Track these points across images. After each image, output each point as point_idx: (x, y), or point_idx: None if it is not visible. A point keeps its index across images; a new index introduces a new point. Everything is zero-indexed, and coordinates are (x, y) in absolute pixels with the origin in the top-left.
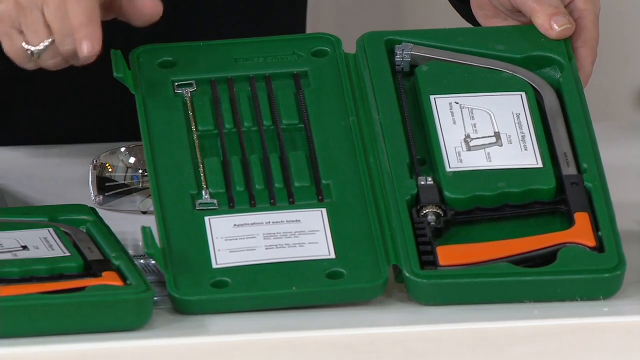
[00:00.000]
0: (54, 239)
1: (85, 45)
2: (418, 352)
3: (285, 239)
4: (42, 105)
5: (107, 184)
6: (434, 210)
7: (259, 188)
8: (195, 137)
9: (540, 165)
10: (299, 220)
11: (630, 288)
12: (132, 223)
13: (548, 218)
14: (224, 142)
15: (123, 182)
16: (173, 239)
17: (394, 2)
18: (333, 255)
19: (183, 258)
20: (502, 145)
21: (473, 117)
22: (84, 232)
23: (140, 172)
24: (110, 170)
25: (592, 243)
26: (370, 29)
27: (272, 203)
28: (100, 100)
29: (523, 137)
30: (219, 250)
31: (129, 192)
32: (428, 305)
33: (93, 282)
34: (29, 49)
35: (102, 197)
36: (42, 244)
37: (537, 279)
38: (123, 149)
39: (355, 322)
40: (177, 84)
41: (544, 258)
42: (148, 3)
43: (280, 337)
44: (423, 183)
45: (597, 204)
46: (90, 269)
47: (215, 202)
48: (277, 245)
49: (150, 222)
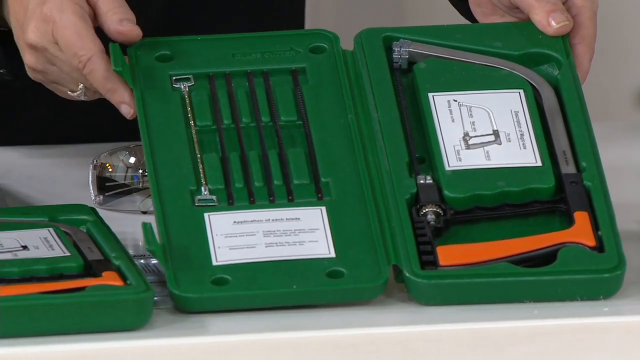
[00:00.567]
0: (54, 239)
1: (123, 109)
2: (418, 352)
3: (285, 237)
4: (42, 106)
5: (107, 184)
6: (434, 210)
7: (258, 185)
8: (194, 132)
9: (539, 164)
10: (299, 218)
11: (630, 288)
12: (132, 223)
13: (547, 217)
14: (223, 138)
15: (123, 182)
16: (173, 235)
17: None
18: (333, 254)
19: (183, 255)
20: (501, 144)
21: (472, 115)
22: (84, 232)
23: (140, 172)
24: (111, 170)
25: (592, 243)
26: (369, 26)
27: (271, 200)
28: (101, 101)
29: (522, 135)
30: (219, 248)
31: (129, 192)
32: (428, 306)
33: (93, 282)
34: (73, 94)
35: (102, 197)
36: (42, 244)
37: (537, 279)
38: (123, 149)
39: (356, 322)
40: (174, 78)
41: (544, 258)
42: (125, 29)
43: (281, 337)
44: (422, 182)
45: (596, 203)
46: (91, 269)
47: (215, 198)
48: (277, 244)
49: (150, 221)
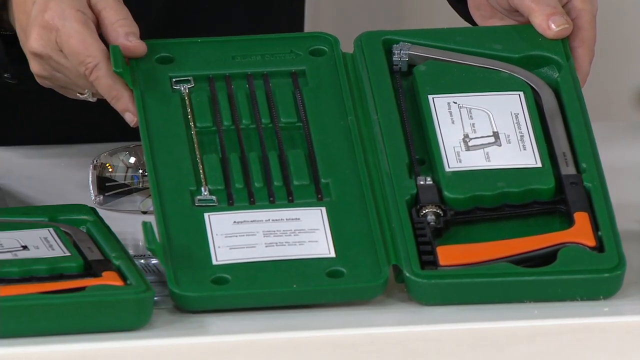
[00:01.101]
0: (54, 239)
1: (127, 117)
2: (418, 352)
3: (285, 237)
4: (43, 106)
5: (107, 184)
6: (434, 210)
7: (258, 186)
8: (194, 133)
9: (539, 165)
10: (299, 219)
11: (631, 288)
12: (132, 223)
13: (547, 218)
14: (223, 139)
15: (123, 182)
16: (173, 235)
17: (393, 2)
18: (333, 254)
19: (183, 254)
20: (500, 145)
21: (472, 116)
22: (84, 232)
23: (141, 172)
24: (111, 171)
25: (592, 243)
26: (368, 29)
27: (271, 201)
28: (101, 101)
29: (522, 137)
30: (219, 247)
31: (129, 192)
32: (428, 306)
33: (93, 282)
34: (81, 97)
35: (102, 197)
36: (42, 244)
37: (537, 279)
38: (123, 149)
39: (356, 322)
40: (175, 80)
41: (544, 258)
42: (131, 45)
43: (281, 337)
44: (422, 183)
45: (596, 204)
46: (91, 269)
47: (214, 198)
48: (277, 243)
49: (151, 221)
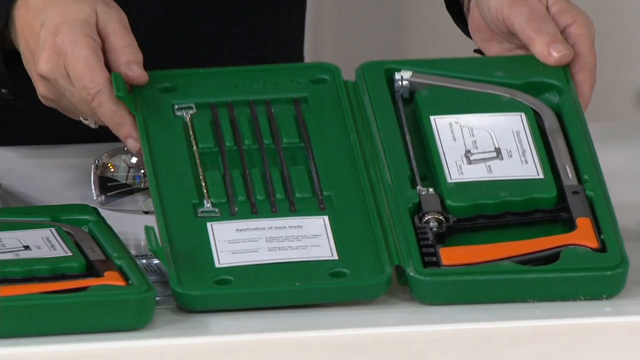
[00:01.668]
0: (56, 239)
1: (130, 144)
2: (421, 352)
3: (288, 242)
4: (45, 106)
5: (109, 184)
6: (436, 217)
7: (260, 199)
8: (196, 153)
9: (541, 177)
10: (301, 226)
11: (633, 288)
12: (134, 223)
13: (550, 225)
14: (225, 157)
15: (125, 182)
16: (175, 241)
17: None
18: (336, 257)
19: (186, 257)
20: (502, 159)
21: (473, 134)
22: (86, 232)
23: (142, 172)
24: (113, 171)
25: (594, 245)
26: (369, 59)
27: (273, 212)
28: None
29: (523, 152)
30: (222, 252)
31: (131, 192)
32: (431, 305)
33: (95, 282)
34: (84, 122)
35: (104, 197)
36: (44, 244)
37: (540, 277)
38: (125, 149)
39: (359, 322)
40: (177, 107)
41: (547, 259)
42: (133, 74)
43: (283, 337)
44: (424, 193)
45: (598, 210)
46: (93, 269)
47: (217, 210)
48: (279, 248)
49: (152, 222)
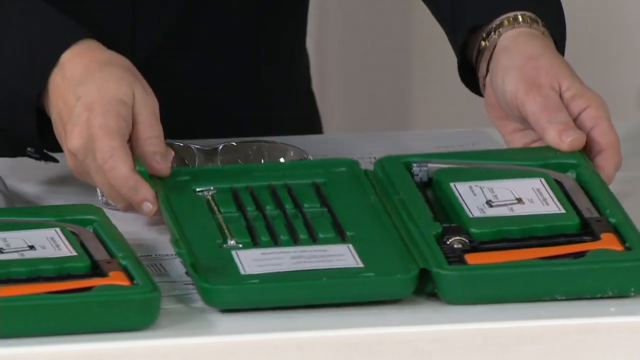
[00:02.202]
0: (61, 239)
1: (145, 208)
2: (426, 352)
3: (313, 258)
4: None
5: None
6: (460, 239)
7: (284, 239)
8: (220, 216)
9: (564, 211)
10: (325, 250)
11: None
12: (138, 223)
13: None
14: (247, 215)
15: None
16: (201, 260)
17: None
18: (362, 265)
19: (211, 266)
20: (524, 204)
21: (493, 191)
22: (91, 232)
23: None
24: None
25: (620, 249)
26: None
27: (297, 243)
28: None
29: (545, 199)
30: (247, 266)
31: None
32: (456, 305)
33: (100, 282)
34: (104, 200)
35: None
36: (49, 244)
37: (568, 269)
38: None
39: (363, 322)
40: (197, 190)
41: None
42: (157, 165)
43: (287, 337)
44: (447, 225)
45: (622, 230)
46: (98, 269)
47: (241, 244)
48: (304, 261)
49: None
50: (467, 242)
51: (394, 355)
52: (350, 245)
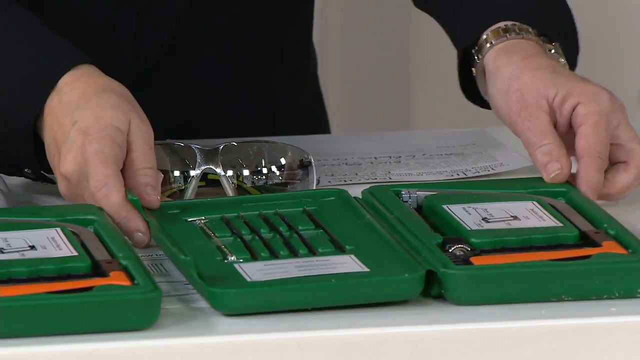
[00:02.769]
0: (62, 239)
1: (137, 238)
2: (427, 352)
3: (318, 265)
4: None
5: None
6: (461, 247)
7: (284, 254)
8: (216, 239)
9: (562, 225)
10: (328, 260)
11: None
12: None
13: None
14: (243, 237)
15: None
16: (205, 273)
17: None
18: (367, 269)
19: (216, 275)
20: (520, 220)
21: (487, 211)
22: (92, 232)
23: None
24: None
25: (624, 253)
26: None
27: (296, 256)
28: None
29: (540, 217)
30: (253, 275)
31: None
32: (463, 305)
33: (101, 282)
34: None
35: None
36: (49, 244)
37: (574, 269)
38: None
39: (364, 322)
40: (188, 220)
41: None
42: (147, 197)
43: (288, 337)
44: (447, 236)
45: (622, 239)
46: (98, 269)
47: (242, 260)
48: (309, 269)
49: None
50: (468, 250)
51: (395, 355)
52: (352, 255)
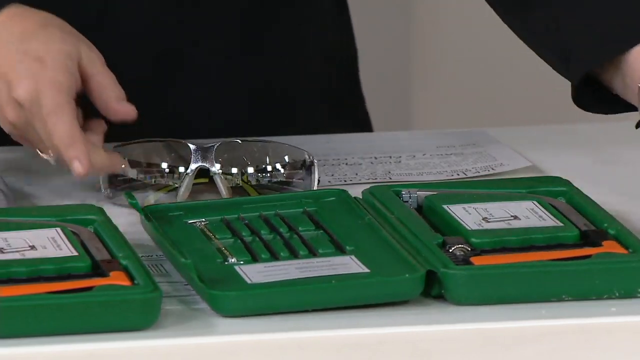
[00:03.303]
0: (62, 239)
1: (75, 166)
2: (427, 352)
3: (318, 267)
4: None
5: (118, 178)
6: (461, 247)
7: (284, 255)
8: (216, 241)
9: (562, 225)
10: (329, 261)
11: None
12: (139, 223)
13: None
14: (243, 239)
15: (134, 177)
16: (205, 277)
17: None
18: (367, 270)
19: (216, 278)
20: (520, 219)
21: (487, 211)
22: (92, 231)
23: (152, 168)
24: (123, 167)
25: (624, 253)
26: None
27: (296, 257)
28: None
29: (540, 217)
30: (253, 277)
31: (142, 187)
32: (463, 305)
33: (101, 282)
34: (42, 155)
35: (111, 190)
36: (50, 244)
37: (574, 269)
38: (136, 145)
39: (364, 322)
40: (188, 222)
41: None
42: (121, 109)
43: (288, 337)
44: (447, 236)
45: (623, 239)
46: (98, 269)
47: (242, 262)
48: (310, 270)
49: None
50: (468, 249)
51: (395, 355)
52: (353, 256)
